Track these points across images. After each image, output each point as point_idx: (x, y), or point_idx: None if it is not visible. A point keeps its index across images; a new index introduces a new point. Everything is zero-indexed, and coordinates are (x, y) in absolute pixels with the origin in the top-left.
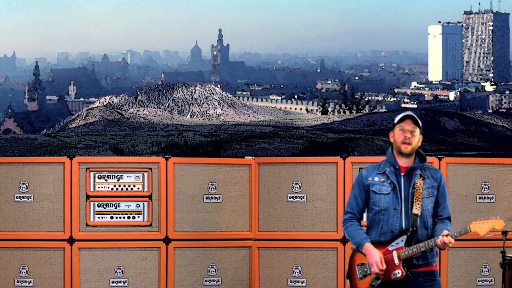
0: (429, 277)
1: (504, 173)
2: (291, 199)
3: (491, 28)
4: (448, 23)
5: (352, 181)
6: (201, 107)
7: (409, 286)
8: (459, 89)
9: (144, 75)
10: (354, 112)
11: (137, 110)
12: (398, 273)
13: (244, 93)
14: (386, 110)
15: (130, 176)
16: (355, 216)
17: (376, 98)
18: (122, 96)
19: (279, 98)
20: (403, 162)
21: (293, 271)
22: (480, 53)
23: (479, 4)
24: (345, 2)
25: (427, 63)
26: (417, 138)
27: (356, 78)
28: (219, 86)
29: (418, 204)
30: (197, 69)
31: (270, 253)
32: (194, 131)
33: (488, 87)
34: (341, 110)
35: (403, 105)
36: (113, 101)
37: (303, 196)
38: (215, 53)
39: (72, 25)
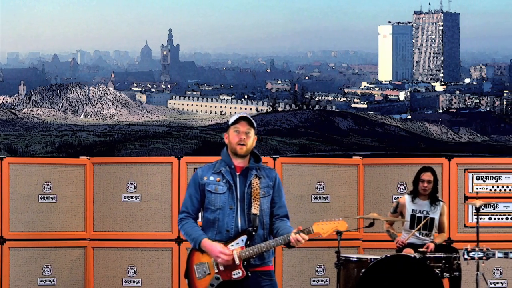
0: (266, 277)
1: (339, 173)
2: (126, 199)
3: (441, 28)
4: (398, 23)
5: (187, 181)
6: (95, 107)
7: (247, 286)
8: (409, 89)
9: (94, 75)
10: None
11: (31, 110)
12: (239, 273)
13: (194, 93)
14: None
15: None
16: (191, 215)
17: (326, 98)
18: (16, 96)
19: (229, 98)
20: (238, 162)
21: (128, 271)
22: (430, 53)
23: (429, 4)
24: (295, 2)
25: (377, 63)
26: (251, 139)
27: (306, 78)
28: (169, 86)
29: (257, 203)
30: (147, 69)
31: (105, 253)
32: (88, 131)
33: (438, 87)
34: (291, 110)
35: (353, 105)
36: (6, 101)
37: (138, 196)
38: (165, 53)
39: (22, 25)
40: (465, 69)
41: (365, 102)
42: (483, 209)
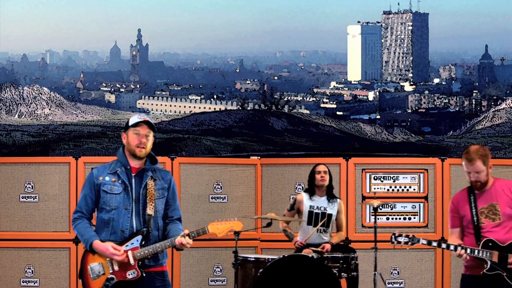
0: (160, 277)
1: (236, 173)
2: (24, 199)
3: (410, 28)
4: (367, 23)
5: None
6: (29, 107)
7: (141, 286)
8: (378, 89)
9: (63, 75)
10: None
11: None
12: (134, 273)
13: (163, 93)
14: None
15: None
16: (85, 215)
17: (295, 98)
18: None
19: (198, 98)
20: (135, 163)
21: (26, 271)
22: (399, 53)
23: (398, 4)
24: (264, 2)
25: (346, 63)
26: (151, 142)
27: (275, 78)
28: (138, 86)
29: (152, 205)
30: (116, 69)
31: (3, 253)
32: (22, 131)
33: (407, 87)
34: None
35: (322, 105)
36: None
37: (36, 196)
38: (134, 53)
39: None
40: (434, 69)
41: (334, 102)
42: (380, 209)
